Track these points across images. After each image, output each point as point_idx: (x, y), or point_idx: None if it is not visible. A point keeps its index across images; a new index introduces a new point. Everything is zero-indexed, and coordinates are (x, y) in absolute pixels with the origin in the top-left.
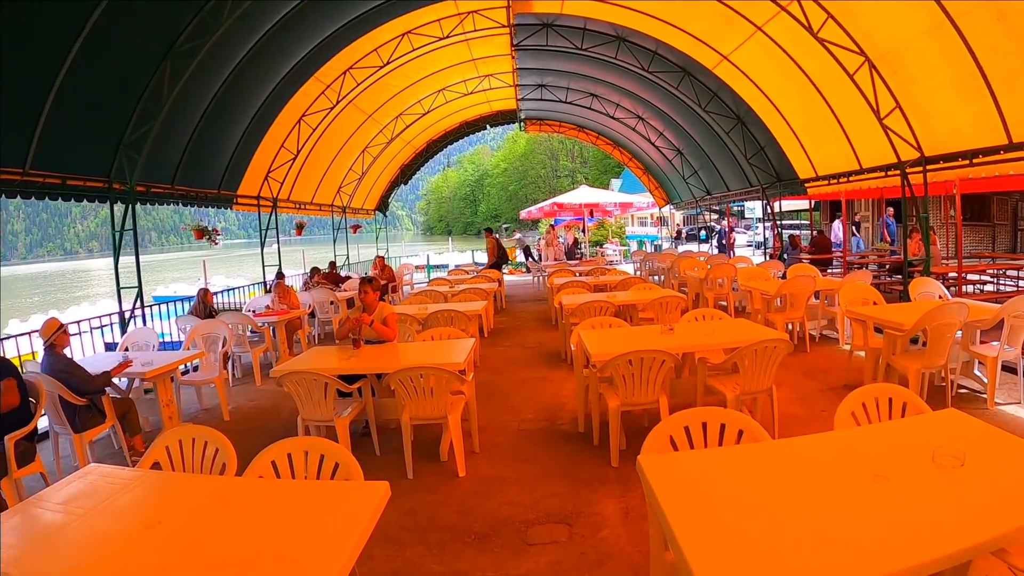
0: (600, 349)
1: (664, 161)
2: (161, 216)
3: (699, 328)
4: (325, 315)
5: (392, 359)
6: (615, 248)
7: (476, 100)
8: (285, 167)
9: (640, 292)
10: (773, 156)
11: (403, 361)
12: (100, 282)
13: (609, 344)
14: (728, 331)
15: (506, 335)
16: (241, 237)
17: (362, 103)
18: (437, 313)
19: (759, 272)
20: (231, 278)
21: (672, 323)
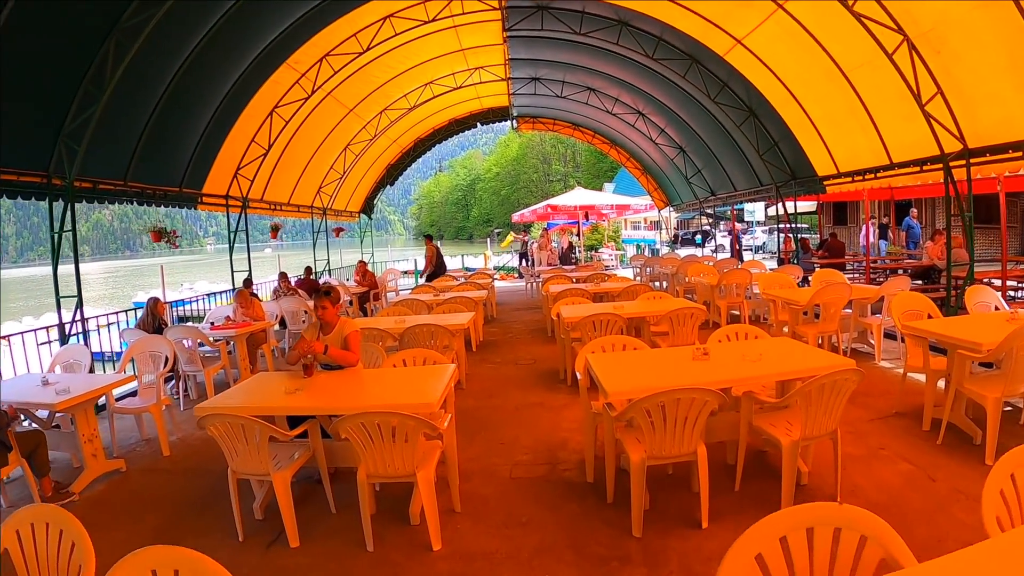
0: (617, 382)
1: (664, 160)
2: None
3: (738, 351)
4: (297, 327)
5: (349, 393)
6: (611, 252)
7: (466, 96)
8: (256, 163)
9: (651, 302)
10: (788, 152)
11: (362, 397)
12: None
13: (627, 374)
14: (777, 356)
15: (497, 349)
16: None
17: (342, 95)
18: (416, 328)
19: (779, 279)
20: (215, 283)
21: (696, 340)
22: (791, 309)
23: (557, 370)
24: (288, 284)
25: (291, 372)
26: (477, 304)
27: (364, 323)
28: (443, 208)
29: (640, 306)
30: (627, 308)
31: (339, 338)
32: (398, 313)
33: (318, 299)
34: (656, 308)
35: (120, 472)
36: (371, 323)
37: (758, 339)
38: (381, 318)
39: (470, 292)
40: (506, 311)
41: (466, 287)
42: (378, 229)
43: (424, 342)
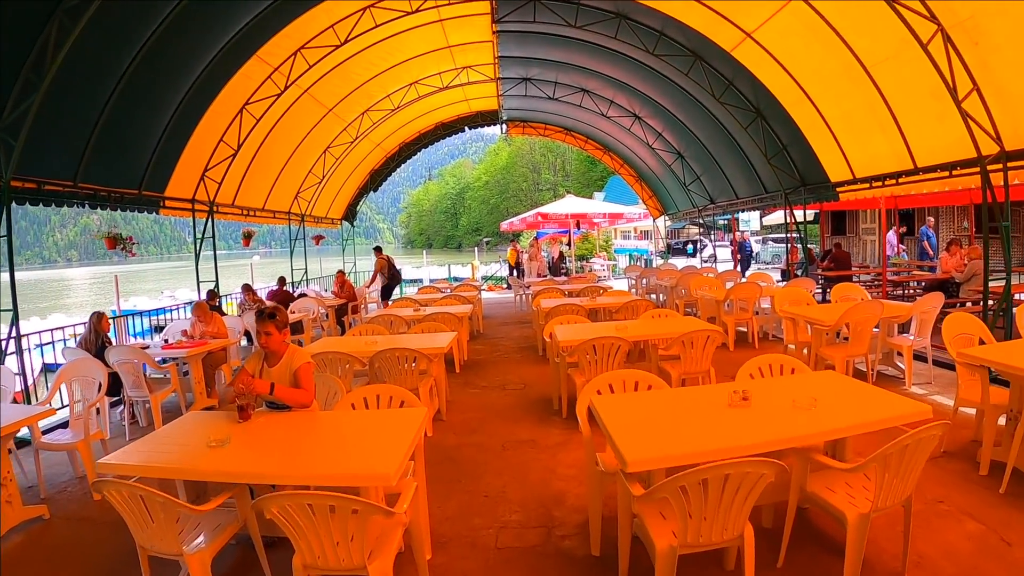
0: (637, 445)
1: (661, 167)
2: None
3: (784, 394)
4: None
5: (286, 452)
6: (603, 263)
7: (453, 98)
8: (224, 164)
9: (657, 323)
10: (798, 156)
11: (301, 458)
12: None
13: (647, 429)
14: (833, 399)
15: (483, 370)
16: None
17: (320, 94)
18: (388, 352)
19: (795, 294)
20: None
21: (710, 366)
22: (816, 330)
23: (550, 398)
24: (254, 297)
25: (228, 412)
26: (462, 320)
27: (328, 345)
28: (432, 217)
29: (646, 327)
30: (631, 329)
31: (287, 371)
32: (371, 332)
33: (260, 323)
34: (665, 329)
35: (42, 520)
36: (337, 345)
37: (808, 376)
38: (350, 338)
39: (454, 307)
40: (493, 325)
41: (450, 300)
42: (367, 237)
43: (397, 368)
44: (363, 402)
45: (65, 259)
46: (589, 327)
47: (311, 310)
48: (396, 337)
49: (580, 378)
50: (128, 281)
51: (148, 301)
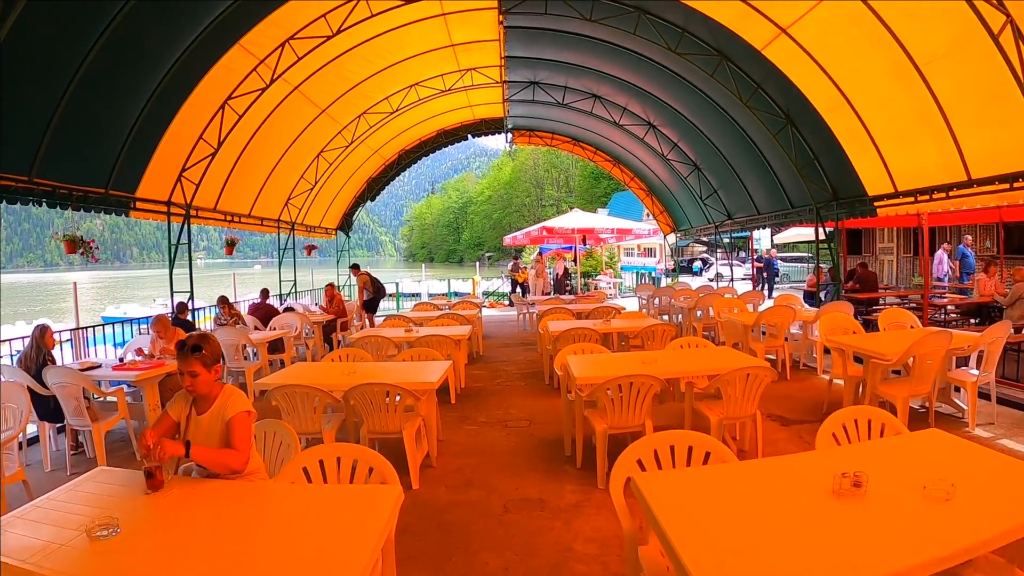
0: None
1: (674, 180)
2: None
3: (906, 475)
4: (238, 364)
5: (201, 546)
6: (609, 280)
7: (456, 103)
8: (204, 163)
9: (690, 356)
10: (830, 167)
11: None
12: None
13: (720, 529)
14: (977, 483)
15: (482, 401)
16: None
17: (312, 92)
18: (366, 388)
19: (840, 321)
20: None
21: (756, 407)
22: (873, 365)
23: (560, 439)
24: (231, 310)
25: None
26: (459, 343)
27: (298, 375)
28: (434, 230)
29: (678, 360)
30: (661, 363)
31: (219, 421)
32: (353, 356)
33: (181, 360)
34: (702, 364)
35: None
36: (309, 374)
37: (888, 428)
38: (327, 365)
39: (451, 328)
40: (494, 347)
41: (447, 320)
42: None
43: (378, 405)
44: (319, 467)
45: (67, 262)
46: (608, 359)
47: (293, 326)
48: (381, 366)
49: (600, 422)
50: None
51: (139, 308)
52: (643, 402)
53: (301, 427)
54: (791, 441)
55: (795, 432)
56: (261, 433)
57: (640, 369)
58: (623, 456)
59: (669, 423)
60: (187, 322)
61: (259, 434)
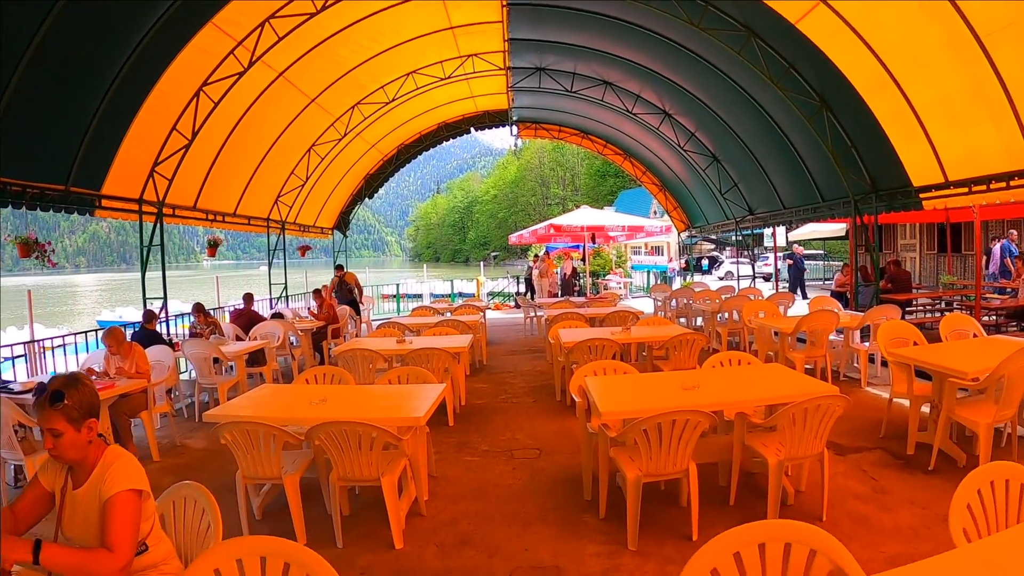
0: None
1: (689, 173)
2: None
3: None
4: (210, 380)
5: None
6: (619, 280)
7: (458, 93)
8: (178, 156)
9: (738, 377)
10: (869, 155)
11: None
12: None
13: None
14: None
15: (484, 423)
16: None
17: (300, 79)
18: (333, 428)
19: (898, 330)
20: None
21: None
22: (950, 385)
23: (577, 476)
24: (207, 319)
25: None
26: (460, 356)
27: (256, 405)
28: (440, 230)
29: (727, 384)
30: (705, 388)
31: (94, 498)
32: (329, 377)
33: (39, 412)
34: (758, 391)
35: None
36: (270, 403)
37: None
38: (296, 389)
39: (449, 339)
40: (499, 355)
41: (445, 328)
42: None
43: (350, 445)
44: (237, 569)
45: (73, 265)
46: (637, 383)
47: (275, 336)
48: (360, 392)
49: (631, 467)
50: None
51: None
52: (687, 444)
53: (256, 471)
54: (852, 476)
55: (854, 464)
56: (171, 504)
57: (681, 400)
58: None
59: (711, 460)
60: (155, 333)
61: (170, 504)
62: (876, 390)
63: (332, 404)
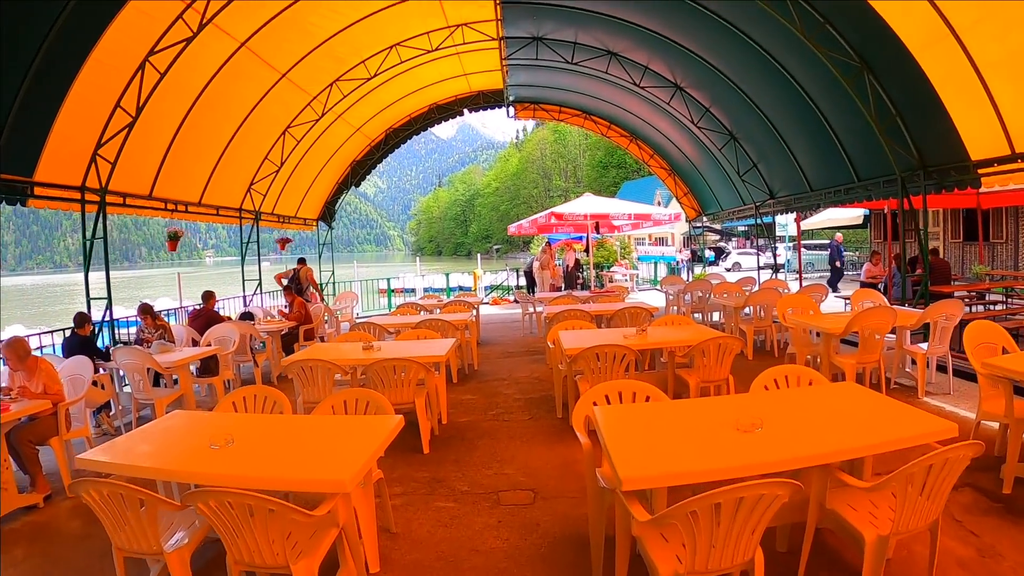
0: None
1: (701, 155)
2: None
3: None
4: (145, 395)
5: None
6: (624, 272)
7: (448, 71)
8: (123, 136)
9: (807, 403)
10: (917, 125)
11: None
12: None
13: None
14: None
15: (466, 451)
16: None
17: (267, 50)
18: (220, 499)
19: (987, 332)
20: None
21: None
22: None
23: (583, 535)
24: (155, 322)
25: None
26: (439, 365)
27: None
28: (442, 224)
29: (806, 424)
30: (772, 428)
31: None
32: (257, 401)
33: None
34: (853, 436)
35: None
36: (162, 442)
37: None
38: (214, 416)
39: (425, 344)
40: (493, 357)
41: (426, 329)
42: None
43: (244, 523)
44: None
45: (76, 263)
46: (669, 415)
47: (230, 340)
48: (286, 427)
49: (666, 559)
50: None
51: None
52: (756, 528)
53: (129, 542)
54: (946, 529)
55: (949, 518)
56: None
57: (742, 453)
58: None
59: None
60: (88, 340)
61: None
62: (937, 401)
63: (237, 450)
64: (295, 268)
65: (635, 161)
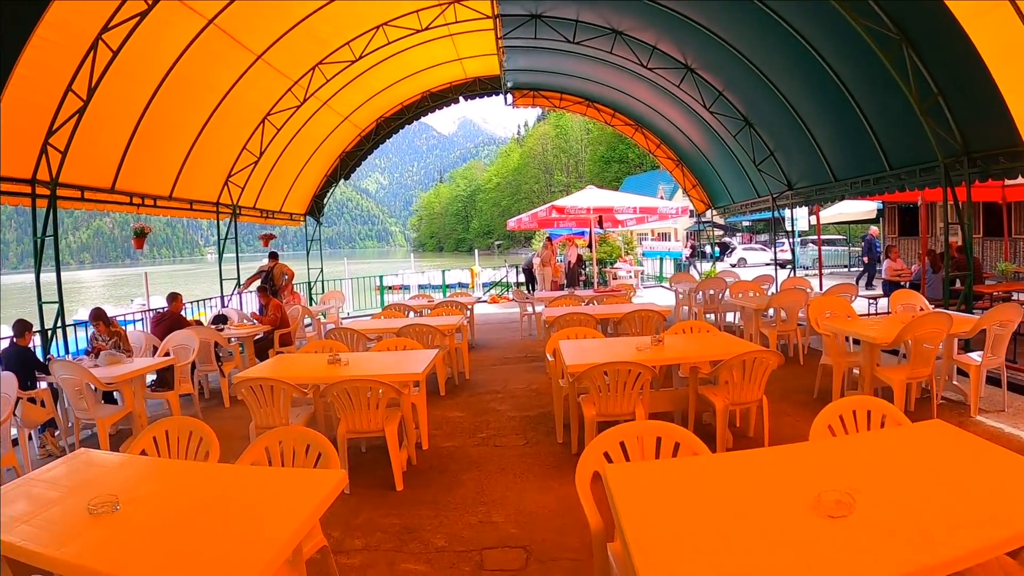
0: None
1: (712, 144)
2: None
3: None
4: (87, 414)
5: None
6: (628, 268)
7: (442, 55)
8: (74, 123)
9: (906, 452)
10: (962, 106)
11: None
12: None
13: None
14: None
15: (446, 487)
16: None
17: (239, 29)
18: None
19: None
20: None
21: None
22: None
23: None
24: (110, 328)
25: None
26: (416, 384)
27: None
28: (443, 219)
29: (918, 500)
30: (870, 505)
31: None
32: (180, 442)
33: None
34: (978, 505)
35: None
36: None
37: None
38: (121, 460)
39: (404, 357)
40: (487, 364)
41: (407, 339)
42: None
43: None
44: None
45: (78, 261)
46: (709, 469)
47: (189, 348)
48: (206, 475)
49: None
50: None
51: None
52: None
53: None
54: None
55: None
56: None
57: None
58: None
59: None
60: (25, 351)
61: None
62: (992, 420)
63: (119, 519)
64: (267, 266)
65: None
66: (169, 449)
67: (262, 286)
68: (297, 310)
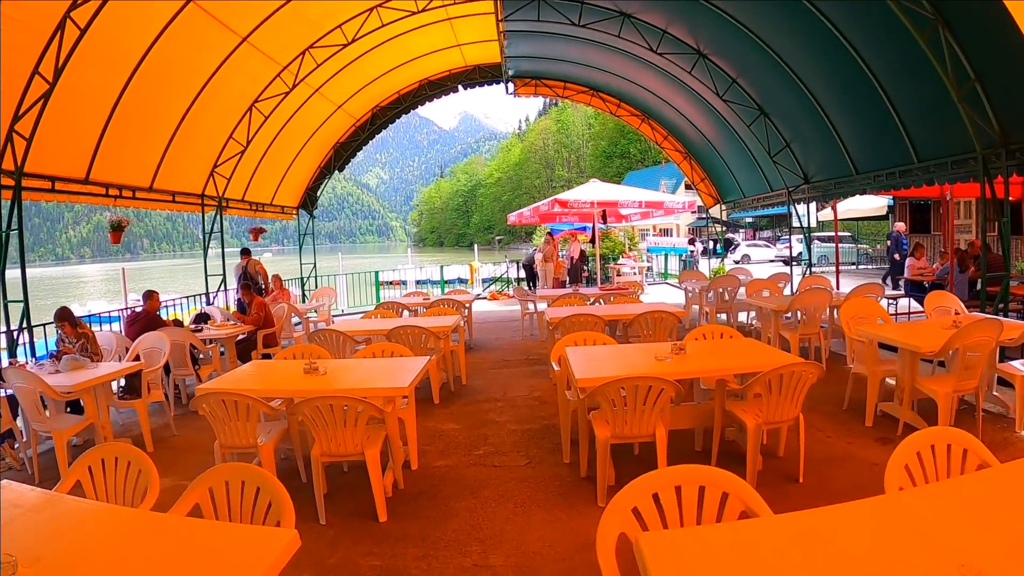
0: None
1: (722, 136)
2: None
3: None
4: (43, 426)
5: None
6: (633, 265)
7: (440, 41)
8: (38, 109)
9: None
10: (1001, 92)
11: None
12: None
13: None
14: None
15: (436, 519)
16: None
17: (220, 9)
18: None
19: None
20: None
21: None
22: None
23: None
24: (78, 329)
25: None
26: (401, 400)
27: None
28: (443, 214)
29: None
30: None
31: None
32: (115, 471)
33: None
34: None
35: None
36: None
37: None
38: (41, 496)
39: (394, 365)
40: (486, 367)
41: (396, 343)
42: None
43: None
44: None
45: (78, 256)
46: (769, 539)
47: (160, 351)
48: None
49: None
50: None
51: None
52: None
53: None
54: None
55: None
56: None
57: None
58: None
59: None
60: None
61: None
62: None
63: None
64: (241, 263)
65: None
66: (106, 481)
67: (245, 283)
68: (283, 308)
